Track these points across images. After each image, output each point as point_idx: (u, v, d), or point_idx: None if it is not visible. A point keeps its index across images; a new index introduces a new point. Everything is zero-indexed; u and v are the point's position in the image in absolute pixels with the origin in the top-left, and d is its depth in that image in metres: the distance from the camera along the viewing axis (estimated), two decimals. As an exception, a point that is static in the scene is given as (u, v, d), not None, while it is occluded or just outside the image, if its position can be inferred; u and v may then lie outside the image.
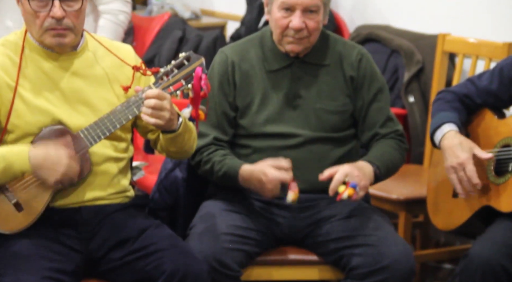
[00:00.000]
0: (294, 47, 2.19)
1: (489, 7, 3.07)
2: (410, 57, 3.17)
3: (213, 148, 2.22)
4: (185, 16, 4.01)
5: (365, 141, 2.25)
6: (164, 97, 1.92)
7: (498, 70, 2.26)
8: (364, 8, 3.51)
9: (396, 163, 2.22)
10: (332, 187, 2.07)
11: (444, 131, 2.22)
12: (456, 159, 2.16)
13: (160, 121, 1.93)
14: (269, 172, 2.08)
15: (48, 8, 1.91)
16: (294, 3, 2.14)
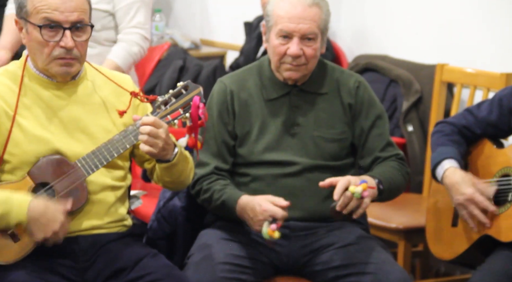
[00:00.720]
0: (292, 74, 2.20)
1: (487, 37, 3.09)
2: (408, 86, 3.18)
3: (214, 178, 2.22)
4: (185, 46, 4.05)
5: (366, 166, 2.25)
6: (160, 125, 1.93)
7: (497, 100, 2.27)
8: (363, 38, 3.54)
9: (398, 183, 2.21)
10: (337, 190, 2.05)
11: (444, 168, 2.22)
12: (462, 196, 2.17)
13: (153, 149, 1.93)
14: (264, 204, 2.09)
15: (58, 37, 1.93)
16: (291, 31, 2.16)
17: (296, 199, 2.18)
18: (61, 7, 1.91)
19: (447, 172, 2.21)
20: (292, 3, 2.17)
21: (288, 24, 2.16)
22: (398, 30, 3.40)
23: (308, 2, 2.16)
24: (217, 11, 4.22)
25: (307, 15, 2.16)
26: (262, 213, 2.08)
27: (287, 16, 2.16)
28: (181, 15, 4.40)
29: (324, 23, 2.19)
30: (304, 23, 2.16)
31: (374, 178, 2.15)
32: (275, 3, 2.20)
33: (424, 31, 3.30)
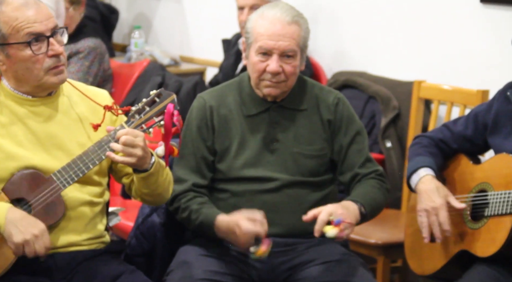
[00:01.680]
0: (271, 90, 2.21)
1: (463, 55, 3.13)
2: (386, 103, 3.21)
3: (191, 195, 2.22)
4: (164, 63, 4.05)
5: (346, 182, 2.26)
6: (136, 134, 1.92)
7: (473, 116, 2.30)
8: (341, 55, 3.57)
9: (379, 202, 2.23)
10: (317, 228, 2.06)
11: (420, 175, 2.24)
12: (431, 203, 2.18)
13: (131, 159, 1.92)
14: (243, 224, 2.08)
15: (44, 48, 1.92)
16: (271, 48, 2.18)
17: (276, 215, 2.18)
18: (38, 17, 1.91)
19: (423, 179, 2.22)
20: (272, 20, 2.18)
21: (267, 41, 2.17)
22: (376, 47, 3.44)
23: (288, 19, 2.18)
24: (196, 28, 4.23)
25: (286, 33, 2.17)
26: (243, 235, 2.08)
27: (267, 34, 2.17)
28: (160, 32, 4.40)
29: (303, 41, 2.21)
30: (284, 41, 2.17)
31: (356, 203, 2.15)
32: (255, 21, 2.22)
33: (402, 49, 3.34)
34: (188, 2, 4.27)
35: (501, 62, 2.92)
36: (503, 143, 2.20)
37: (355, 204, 2.15)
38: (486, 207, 2.18)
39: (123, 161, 1.92)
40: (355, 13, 3.49)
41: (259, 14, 2.22)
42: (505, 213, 2.11)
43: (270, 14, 2.19)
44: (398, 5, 3.33)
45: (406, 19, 3.31)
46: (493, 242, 2.12)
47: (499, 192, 2.15)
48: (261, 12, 2.22)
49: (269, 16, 2.19)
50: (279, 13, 2.19)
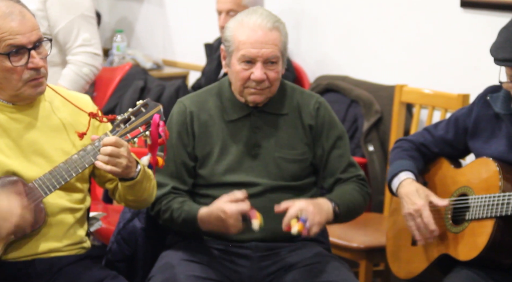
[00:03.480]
0: (256, 98, 2.21)
1: (444, 59, 3.16)
2: (369, 107, 3.22)
3: (171, 197, 2.21)
4: (147, 67, 4.04)
5: (328, 187, 2.27)
6: (121, 144, 1.92)
7: (454, 120, 2.31)
8: (324, 59, 3.58)
9: (357, 204, 2.23)
10: (284, 221, 2.08)
11: (401, 179, 2.25)
12: (413, 206, 2.19)
13: (116, 168, 1.91)
14: (227, 207, 2.08)
15: (24, 60, 1.91)
16: (254, 56, 2.17)
17: (258, 220, 2.19)
18: (21, 29, 1.90)
19: (403, 183, 2.24)
20: (253, 28, 2.17)
21: (250, 49, 2.16)
22: (358, 52, 3.45)
23: (269, 26, 2.17)
24: (179, 32, 4.23)
25: (268, 39, 2.16)
26: (230, 217, 2.07)
27: (249, 41, 2.16)
28: (143, 35, 4.39)
29: (284, 45, 2.21)
30: (267, 48, 2.16)
31: (330, 201, 2.16)
32: (234, 29, 2.20)
33: (384, 53, 3.36)
34: (170, 6, 4.26)
35: (481, 66, 2.95)
36: (484, 147, 2.21)
37: (330, 203, 2.15)
38: (467, 211, 2.19)
39: (109, 170, 1.91)
40: (338, 18, 3.51)
41: (238, 22, 2.20)
42: (485, 217, 2.13)
43: (250, 21, 2.18)
44: (380, 10, 3.35)
45: (388, 24, 3.33)
46: (474, 246, 2.13)
47: (479, 196, 2.17)
48: (240, 19, 2.20)
49: (250, 23, 2.18)
50: (259, 19, 2.17)
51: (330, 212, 2.14)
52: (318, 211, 2.10)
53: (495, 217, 2.10)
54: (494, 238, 2.09)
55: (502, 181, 2.11)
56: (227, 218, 2.07)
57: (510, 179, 2.12)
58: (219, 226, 2.11)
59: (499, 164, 2.14)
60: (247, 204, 2.07)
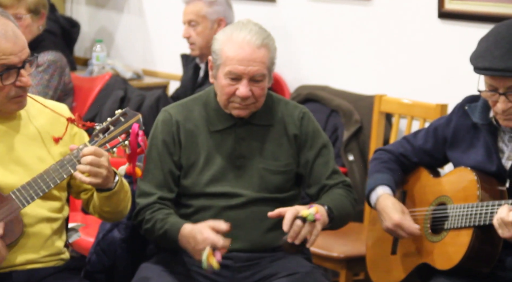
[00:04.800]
0: (240, 112, 2.21)
1: (422, 69, 3.18)
2: (349, 116, 3.24)
3: (156, 207, 2.20)
4: (127, 76, 4.03)
5: (313, 194, 2.26)
6: (101, 154, 1.91)
7: (433, 129, 2.33)
8: (304, 69, 3.60)
9: (347, 210, 2.23)
10: (285, 221, 2.05)
11: (378, 194, 2.27)
12: (391, 221, 2.21)
13: (96, 179, 1.90)
14: (205, 231, 2.07)
15: (13, 78, 1.90)
16: (241, 73, 2.16)
17: (240, 231, 2.18)
18: (14, 49, 1.90)
19: (380, 198, 2.25)
20: (241, 44, 2.16)
21: (237, 66, 2.15)
22: (338, 62, 3.47)
23: (257, 43, 2.16)
24: (159, 41, 4.22)
25: (256, 57, 2.15)
26: (203, 241, 2.07)
27: (236, 58, 2.15)
28: (123, 45, 4.38)
29: (271, 61, 2.20)
30: (253, 66, 2.16)
31: (323, 205, 2.16)
32: (223, 42, 2.19)
33: (363, 63, 3.38)
34: (150, 15, 4.26)
35: (459, 76, 2.98)
36: (462, 156, 2.23)
37: (323, 206, 2.15)
38: (446, 220, 2.21)
39: (89, 182, 1.89)
40: (316, 29, 3.53)
41: (227, 36, 2.19)
42: (464, 226, 2.14)
43: (239, 37, 2.17)
44: (359, 21, 3.38)
45: (367, 34, 3.35)
46: (452, 255, 2.14)
47: (458, 205, 2.18)
48: (230, 34, 2.19)
49: (238, 39, 2.17)
50: (249, 36, 2.16)
51: (325, 215, 2.13)
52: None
53: (473, 226, 2.12)
54: (472, 247, 2.10)
55: (480, 190, 2.13)
56: (200, 241, 2.07)
57: (488, 188, 2.14)
58: (191, 245, 2.10)
59: (477, 174, 2.16)
60: (223, 244, 2.05)
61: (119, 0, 4.37)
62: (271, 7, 3.68)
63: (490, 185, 2.14)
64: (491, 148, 2.16)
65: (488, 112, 2.18)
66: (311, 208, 2.05)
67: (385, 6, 3.28)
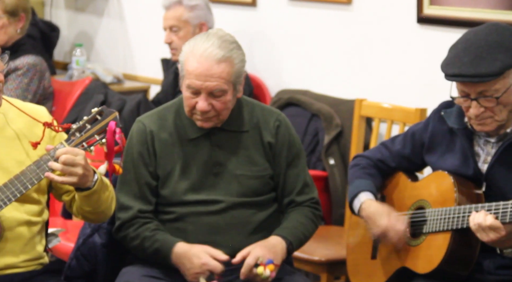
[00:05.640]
0: (203, 124, 2.20)
1: (402, 74, 3.20)
2: (329, 121, 3.25)
3: (140, 222, 2.19)
4: (107, 81, 4.01)
5: (283, 206, 2.28)
6: (76, 153, 1.89)
7: (410, 134, 2.35)
8: (285, 73, 3.61)
9: (309, 234, 2.26)
10: (243, 271, 2.10)
11: (361, 201, 2.28)
12: (378, 228, 2.22)
13: (72, 178, 1.89)
14: (204, 256, 2.09)
15: None
16: (198, 87, 2.14)
17: (221, 237, 2.18)
18: None
19: (363, 205, 2.26)
20: (199, 60, 2.13)
21: (194, 81, 2.13)
22: (319, 67, 3.48)
23: (218, 57, 2.13)
24: (140, 46, 4.21)
25: (214, 73, 2.12)
26: (200, 266, 2.08)
27: (194, 73, 2.13)
28: (103, 49, 4.37)
29: (235, 75, 2.16)
30: (211, 81, 2.13)
31: (284, 239, 2.17)
32: (186, 55, 2.17)
33: (343, 68, 3.40)
34: (131, 19, 4.24)
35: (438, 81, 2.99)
36: (439, 161, 2.25)
37: (284, 241, 2.17)
38: (424, 224, 2.22)
39: (63, 181, 1.88)
40: (297, 33, 3.54)
41: (190, 48, 2.17)
42: (442, 229, 2.16)
43: (200, 50, 2.14)
44: (339, 25, 3.39)
45: (347, 39, 3.37)
46: (431, 258, 2.16)
47: (436, 209, 2.20)
48: (193, 46, 2.16)
49: (198, 53, 2.14)
50: (210, 49, 2.13)
51: (284, 252, 2.17)
52: (274, 255, 2.12)
53: (451, 230, 2.14)
54: (450, 250, 2.12)
55: (457, 194, 2.15)
56: (197, 266, 2.08)
57: (465, 192, 2.16)
58: (186, 266, 2.11)
59: (454, 178, 2.18)
60: (222, 269, 2.07)
61: (99, 4, 4.35)
62: (251, 12, 3.68)
63: (467, 189, 2.16)
64: (467, 152, 2.18)
65: (463, 117, 2.20)
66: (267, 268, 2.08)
67: (365, 11, 3.30)
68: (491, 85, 2.07)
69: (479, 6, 2.92)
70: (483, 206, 2.06)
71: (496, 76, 2.06)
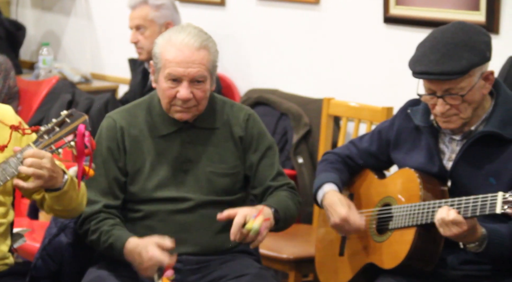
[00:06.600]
0: (182, 115, 2.20)
1: (368, 73, 3.24)
2: (298, 120, 3.27)
3: (102, 217, 2.18)
4: (75, 80, 3.98)
5: (258, 195, 2.27)
6: (43, 155, 1.88)
7: (377, 132, 2.37)
8: (254, 72, 3.62)
9: (292, 212, 2.24)
10: (233, 230, 2.07)
11: (325, 191, 2.30)
12: (338, 216, 2.23)
13: (39, 181, 1.88)
14: (151, 249, 2.07)
15: None
16: (180, 75, 2.16)
17: (189, 235, 2.18)
18: None
19: (326, 195, 2.28)
20: (179, 47, 2.16)
21: (176, 68, 2.15)
22: (287, 66, 3.50)
23: (196, 45, 2.16)
24: (108, 45, 4.19)
25: (195, 59, 2.15)
26: (148, 260, 2.07)
27: (175, 61, 2.15)
28: (70, 49, 4.33)
29: (212, 64, 2.20)
30: (193, 67, 2.15)
31: (270, 207, 2.17)
32: (162, 46, 2.19)
33: (311, 67, 3.42)
34: (98, 19, 4.22)
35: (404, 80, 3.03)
36: (405, 158, 2.28)
37: (269, 208, 2.16)
38: (391, 220, 2.25)
39: (28, 186, 1.87)
40: (266, 32, 3.55)
41: (166, 39, 2.19)
42: (407, 225, 2.19)
43: (178, 39, 2.17)
44: (307, 25, 3.42)
45: (315, 38, 3.39)
46: (396, 254, 2.18)
47: (401, 205, 2.23)
48: (168, 37, 2.19)
49: (177, 42, 2.17)
50: (187, 38, 2.17)
51: (271, 216, 2.15)
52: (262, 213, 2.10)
53: (416, 225, 2.16)
54: (415, 246, 2.15)
55: (422, 190, 2.18)
56: (145, 259, 2.07)
57: (430, 189, 2.19)
58: (136, 261, 2.10)
59: (420, 175, 2.20)
60: (169, 262, 2.06)
61: (66, 4, 4.32)
62: (220, 11, 3.69)
63: (432, 185, 2.19)
64: (433, 149, 2.21)
65: (429, 114, 2.23)
66: (257, 220, 2.06)
67: (333, 11, 3.32)
68: (457, 83, 2.10)
69: (444, 7, 2.96)
70: (446, 201, 2.09)
71: (462, 75, 2.09)
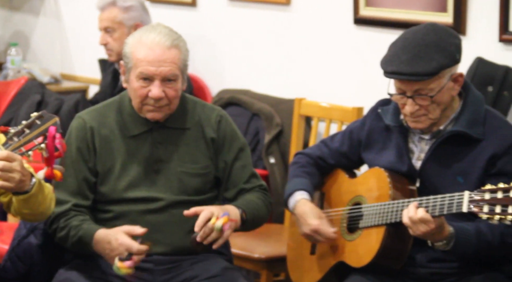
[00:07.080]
0: (154, 115, 2.20)
1: (339, 73, 3.26)
2: (270, 120, 3.29)
3: (71, 214, 2.17)
4: (44, 81, 3.94)
5: (231, 198, 2.28)
6: (13, 158, 1.87)
7: (348, 132, 2.39)
8: (226, 73, 3.62)
9: (261, 213, 2.26)
10: (198, 222, 2.08)
11: (296, 199, 2.31)
12: (309, 227, 2.26)
13: (8, 183, 1.86)
14: (120, 236, 2.06)
15: None
16: (152, 74, 2.16)
17: (160, 235, 2.17)
18: None
19: (298, 204, 2.30)
20: (151, 46, 2.16)
21: (148, 67, 2.15)
22: (258, 66, 3.51)
23: (167, 44, 2.16)
24: (78, 45, 4.16)
25: (167, 58, 2.15)
26: (118, 247, 2.06)
27: (147, 60, 2.15)
28: (40, 49, 4.29)
29: (183, 63, 2.21)
30: (165, 66, 2.15)
31: (238, 208, 2.18)
32: (133, 46, 2.19)
33: (282, 67, 3.43)
34: (68, 19, 4.18)
35: (374, 80, 3.06)
36: (376, 158, 2.30)
37: (237, 209, 2.18)
38: (361, 219, 2.27)
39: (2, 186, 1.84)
40: (237, 33, 3.56)
41: (137, 39, 2.19)
42: (377, 224, 2.21)
43: (148, 39, 2.17)
44: (278, 26, 3.43)
45: (286, 39, 3.41)
46: (366, 252, 2.21)
47: (371, 204, 2.25)
48: (139, 37, 2.19)
49: (148, 41, 2.17)
50: (158, 37, 2.17)
51: (238, 218, 2.16)
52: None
53: (386, 224, 2.18)
54: (385, 244, 2.17)
55: (392, 190, 2.20)
56: (115, 246, 2.06)
57: (399, 187, 2.21)
58: (106, 250, 2.09)
59: (390, 174, 2.23)
60: (139, 248, 2.05)
61: (34, 4, 4.27)
62: (191, 12, 3.68)
63: (401, 185, 2.22)
64: (402, 149, 2.24)
65: (399, 114, 2.25)
66: (220, 219, 2.07)
67: (303, 12, 3.34)
68: (427, 84, 2.13)
69: (413, 8, 3.00)
70: (415, 200, 2.12)
71: (432, 76, 2.12)
